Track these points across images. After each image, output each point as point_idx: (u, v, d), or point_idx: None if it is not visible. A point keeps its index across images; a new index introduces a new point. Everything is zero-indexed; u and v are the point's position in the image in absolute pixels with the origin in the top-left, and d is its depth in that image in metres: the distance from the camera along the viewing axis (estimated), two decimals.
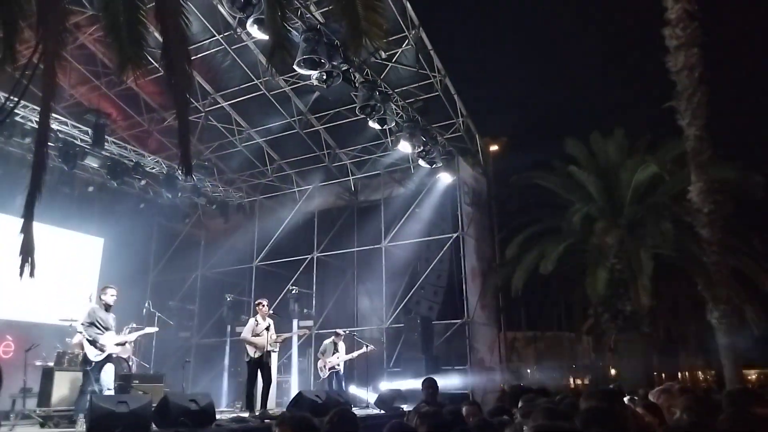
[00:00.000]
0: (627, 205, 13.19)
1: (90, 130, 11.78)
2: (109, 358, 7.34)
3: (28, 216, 3.68)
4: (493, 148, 15.23)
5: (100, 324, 7.31)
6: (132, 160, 13.16)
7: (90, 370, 7.21)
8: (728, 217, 9.93)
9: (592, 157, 13.92)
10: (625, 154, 13.64)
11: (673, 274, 12.45)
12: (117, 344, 7.47)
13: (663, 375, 15.88)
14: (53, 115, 9.68)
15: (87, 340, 7.21)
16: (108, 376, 7.32)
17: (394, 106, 11.40)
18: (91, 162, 12.30)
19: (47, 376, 8.55)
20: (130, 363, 9.76)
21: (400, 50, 11.88)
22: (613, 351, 14.68)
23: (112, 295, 7.57)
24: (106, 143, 12.25)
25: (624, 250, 12.31)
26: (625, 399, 4.69)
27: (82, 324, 7.36)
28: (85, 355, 7.30)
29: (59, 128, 11.52)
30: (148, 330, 8.49)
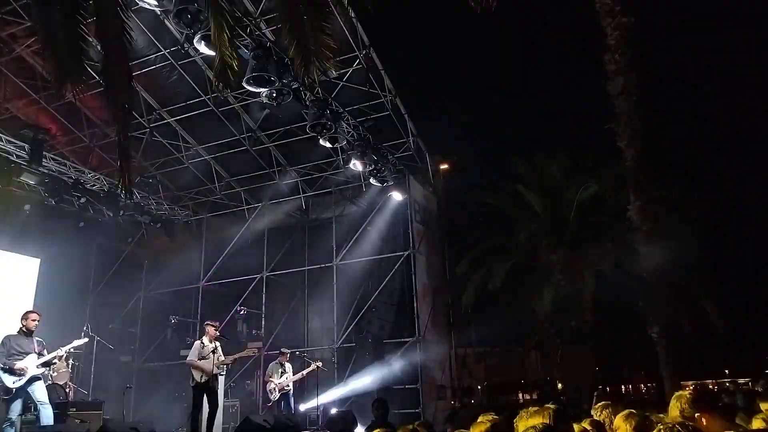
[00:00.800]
0: (570, 224, 13.62)
1: (27, 146, 11.25)
2: (34, 378, 7.20)
3: None
4: (443, 166, 15.44)
5: (17, 350, 7.18)
6: (72, 177, 12.64)
7: (8, 398, 7.02)
8: (667, 235, 10.37)
9: (538, 177, 14.34)
10: (569, 174, 14.11)
11: (615, 292, 12.89)
12: (40, 365, 7.31)
13: (607, 388, 16.32)
14: None
15: (2, 369, 7.01)
16: (40, 393, 7.23)
17: (345, 125, 11.42)
18: (28, 179, 11.75)
19: None
20: (67, 390, 9.28)
21: (351, 69, 11.94)
22: (560, 365, 15.01)
23: (34, 320, 7.45)
24: (44, 159, 11.72)
25: (568, 268, 12.68)
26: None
27: None
28: (3, 385, 7.05)
29: None
30: (76, 343, 8.22)
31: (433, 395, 13.09)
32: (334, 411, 10.43)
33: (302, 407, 11.44)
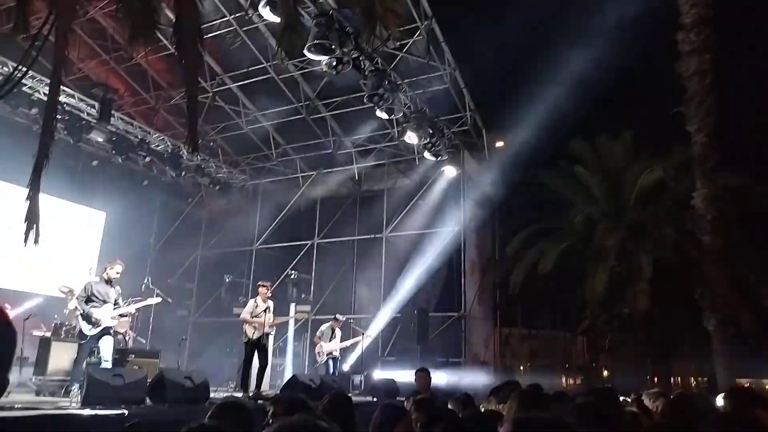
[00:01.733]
0: (630, 209, 13.19)
1: (97, 105, 11.77)
2: (105, 331, 7.41)
3: (35, 183, 3.70)
4: (499, 144, 15.17)
5: (97, 297, 7.38)
6: (137, 137, 13.16)
7: (84, 343, 7.35)
8: (731, 225, 9.92)
9: (598, 159, 13.92)
10: (631, 157, 13.62)
11: (671, 280, 12.48)
12: (114, 317, 7.52)
13: (656, 379, 15.93)
14: (61, 87, 9.66)
15: (80, 314, 7.31)
16: (105, 348, 7.40)
17: (402, 97, 11.36)
18: (97, 136, 12.30)
19: (44, 346, 8.60)
20: (127, 338, 9.82)
21: (411, 41, 11.82)
22: (607, 353, 14.73)
23: (117, 272, 7.62)
24: (112, 118, 12.25)
25: (624, 253, 12.34)
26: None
27: (77, 298, 7.46)
28: (80, 329, 7.41)
29: (66, 101, 11.51)
30: (150, 301, 8.50)
31: (476, 370, 13.14)
32: (377, 378, 10.66)
33: (345, 368, 11.71)
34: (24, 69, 8.54)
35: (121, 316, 7.68)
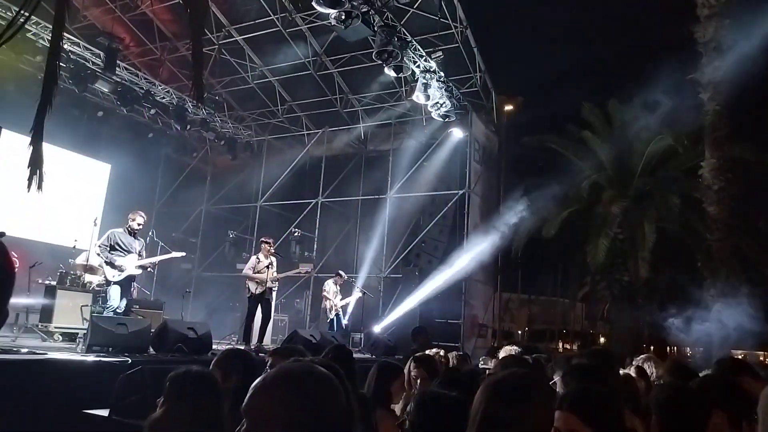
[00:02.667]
0: (637, 176, 13.09)
1: (102, 54, 11.60)
2: (129, 279, 7.60)
3: (38, 129, 3.66)
4: (508, 107, 14.97)
5: (121, 247, 7.49)
6: (143, 88, 13.02)
7: (109, 287, 7.49)
8: (737, 196, 9.85)
9: (608, 125, 13.72)
10: (641, 124, 13.42)
11: (673, 249, 12.47)
12: (138, 266, 7.63)
13: (652, 347, 16.13)
14: (65, 35, 9.50)
15: (105, 261, 7.42)
16: (124, 294, 7.60)
17: (412, 54, 11.15)
18: (102, 86, 12.18)
19: (50, 293, 8.72)
20: (132, 289, 9.95)
21: None
22: (605, 319, 14.86)
23: (139, 223, 7.69)
24: (117, 68, 12.09)
25: (628, 221, 12.30)
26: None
27: (99, 246, 7.53)
28: (104, 276, 7.58)
29: (71, 49, 11.35)
30: (175, 255, 8.57)
31: (474, 332, 13.32)
32: (376, 335, 10.82)
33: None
34: (26, 14, 8.39)
35: (142, 267, 7.72)
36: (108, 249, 7.44)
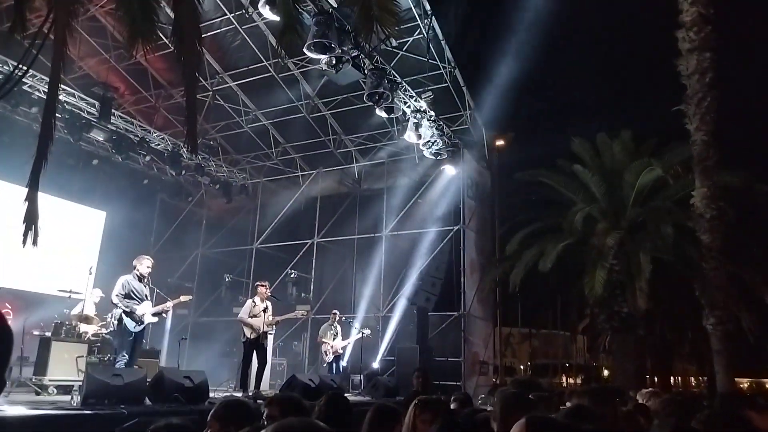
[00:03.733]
0: (629, 207, 13.18)
1: (97, 103, 11.78)
2: (144, 329, 7.41)
3: (33, 185, 3.70)
4: (499, 142, 15.18)
5: (135, 295, 7.29)
6: (137, 136, 13.16)
7: (130, 340, 7.22)
8: (730, 224, 9.90)
9: (598, 158, 13.89)
10: (631, 156, 13.59)
11: (671, 279, 12.46)
12: (154, 314, 7.45)
13: (655, 378, 15.94)
14: (61, 86, 9.66)
15: (124, 311, 7.17)
16: (137, 346, 7.36)
17: (402, 95, 11.36)
18: (97, 135, 12.31)
19: (44, 345, 8.60)
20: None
21: (411, 39, 11.82)
22: (607, 352, 14.71)
23: (148, 267, 7.50)
24: (112, 117, 12.26)
25: (623, 252, 12.32)
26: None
27: (116, 296, 7.26)
28: (124, 327, 7.24)
29: (66, 99, 11.52)
30: (183, 299, 8.33)
31: (475, 370, 13.16)
32: (376, 378, 10.67)
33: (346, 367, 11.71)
34: (24, 68, 8.54)
35: (156, 314, 7.53)
36: (123, 297, 7.21)
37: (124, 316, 7.22)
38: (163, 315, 7.86)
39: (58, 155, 11.53)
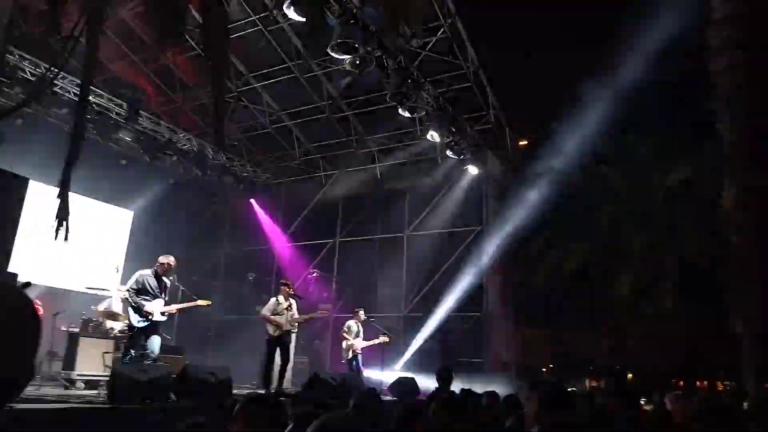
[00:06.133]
0: (657, 208, 12.98)
1: (125, 104, 12.00)
2: (155, 326, 7.34)
3: (65, 181, 3.80)
4: (523, 142, 15.05)
5: (150, 290, 7.32)
6: (164, 136, 13.37)
7: (133, 334, 7.30)
8: (761, 226, 9.69)
9: (624, 158, 13.70)
10: (658, 155, 13.38)
11: (699, 281, 12.24)
12: (163, 312, 7.45)
13: (681, 382, 15.66)
14: (91, 87, 9.86)
15: (131, 306, 7.24)
16: (154, 343, 7.31)
17: (425, 95, 11.34)
18: (125, 136, 12.53)
19: (72, 341, 8.81)
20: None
21: (434, 39, 11.79)
22: (632, 354, 14.51)
23: (166, 266, 7.51)
24: (140, 118, 12.47)
25: (650, 254, 12.14)
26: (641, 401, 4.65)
27: (128, 290, 7.33)
28: (128, 321, 7.39)
29: (95, 100, 11.74)
30: (200, 303, 8.32)
31: (497, 371, 13.06)
32: (397, 376, 10.66)
33: (366, 372, 11.74)
34: (56, 70, 8.76)
35: (168, 314, 7.55)
36: (136, 293, 7.28)
37: (130, 310, 7.31)
38: (176, 313, 7.83)
39: (87, 156, 11.70)
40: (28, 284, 6.09)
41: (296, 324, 9.26)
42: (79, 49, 5.19)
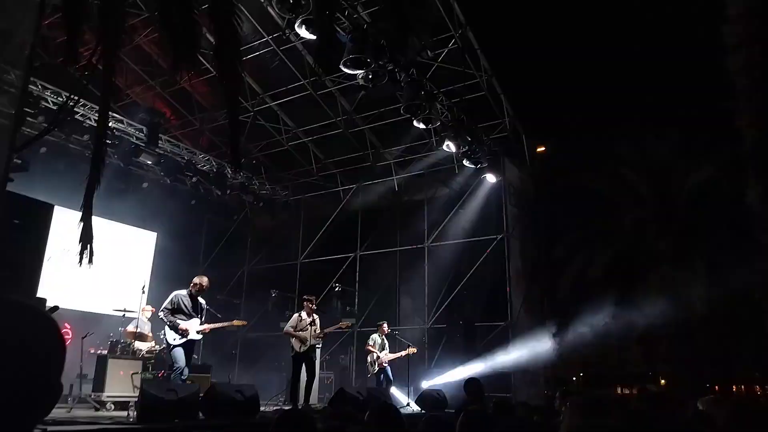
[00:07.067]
0: (681, 210, 12.75)
1: (145, 129, 12.23)
2: (191, 343, 7.55)
3: (87, 206, 3.87)
4: (540, 148, 14.95)
5: (185, 310, 7.53)
6: (184, 158, 13.58)
7: (170, 352, 7.48)
8: None
9: (645, 159, 13.52)
10: (680, 156, 13.18)
11: (730, 283, 11.95)
12: (199, 331, 7.63)
13: (716, 387, 15.25)
14: (110, 113, 10.09)
15: (167, 325, 7.45)
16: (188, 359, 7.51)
17: (439, 106, 11.36)
18: (146, 159, 12.76)
19: (101, 363, 8.93)
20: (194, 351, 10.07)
21: (446, 50, 11.83)
22: (664, 360, 14.21)
23: (198, 287, 7.74)
24: (159, 141, 12.70)
25: (678, 256, 11.91)
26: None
27: (162, 310, 7.58)
28: (165, 339, 7.61)
29: (116, 126, 12.00)
30: (236, 323, 8.50)
31: (525, 381, 12.88)
32: (425, 389, 10.58)
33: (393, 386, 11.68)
34: (76, 98, 8.98)
35: (203, 332, 7.72)
36: (171, 312, 7.49)
37: (166, 329, 7.51)
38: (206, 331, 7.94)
39: (110, 180, 11.98)
40: (55, 308, 6.22)
41: (321, 338, 9.26)
42: (98, 76, 5.32)
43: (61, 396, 1.05)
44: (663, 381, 17.73)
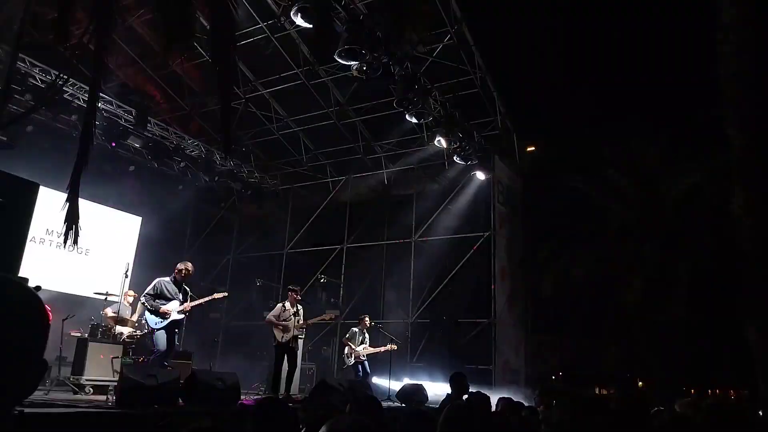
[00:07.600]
0: (666, 213, 12.88)
1: (134, 111, 12.08)
2: (173, 325, 7.62)
3: (74, 187, 3.81)
4: (530, 147, 15.02)
5: (166, 295, 7.60)
6: (173, 142, 13.45)
7: (152, 336, 7.60)
8: None
9: (633, 163, 13.62)
10: (667, 160, 13.29)
11: (710, 287, 12.12)
12: (180, 311, 7.68)
13: (692, 390, 15.48)
14: (99, 94, 9.92)
15: (149, 309, 7.53)
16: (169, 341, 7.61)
17: (432, 101, 11.35)
18: (134, 142, 12.61)
19: (81, 346, 8.84)
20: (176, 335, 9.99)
21: (441, 45, 11.81)
22: (642, 362, 14.37)
23: (182, 272, 7.81)
24: (148, 124, 12.54)
25: (661, 259, 12.03)
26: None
27: (144, 295, 7.67)
28: (146, 324, 7.73)
29: (104, 107, 11.84)
30: (217, 295, 8.53)
31: (506, 378, 12.97)
32: (405, 383, 10.61)
33: (374, 379, 11.71)
34: (65, 77, 8.84)
35: (184, 312, 7.76)
36: (153, 298, 7.56)
37: (146, 313, 7.61)
38: (186, 312, 7.94)
39: (96, 162, 11.79)
40: (38, 288, 6.13)
41: (303, 329, 9.25)
42: (89, 56, 5.24)
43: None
44: (641, 383, 17.93)
